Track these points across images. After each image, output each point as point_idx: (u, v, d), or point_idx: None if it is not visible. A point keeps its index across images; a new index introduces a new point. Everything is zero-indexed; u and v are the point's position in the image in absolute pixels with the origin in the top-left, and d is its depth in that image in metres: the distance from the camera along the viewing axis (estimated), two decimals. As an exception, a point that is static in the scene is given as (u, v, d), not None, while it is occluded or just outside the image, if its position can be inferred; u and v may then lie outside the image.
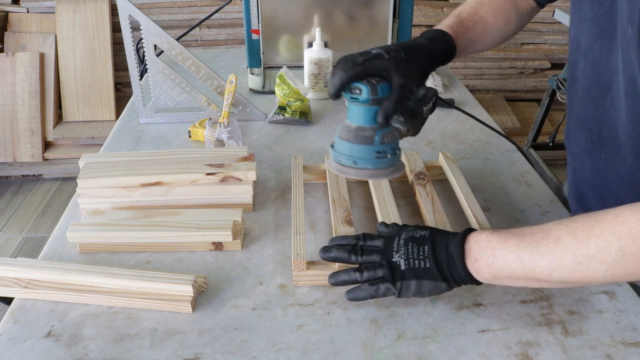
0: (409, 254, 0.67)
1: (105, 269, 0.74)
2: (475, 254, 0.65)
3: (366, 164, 0.75)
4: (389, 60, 0.73)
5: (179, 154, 0.95)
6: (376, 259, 0.69)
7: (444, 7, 2.82)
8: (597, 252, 0.56)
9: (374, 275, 0.68)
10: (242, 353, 0.66)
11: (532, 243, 0.62)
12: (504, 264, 0.63)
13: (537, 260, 0.60)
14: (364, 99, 0.72)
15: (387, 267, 0.67)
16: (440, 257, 0.66)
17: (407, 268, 0.66)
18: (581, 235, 0.58)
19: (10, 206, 2.66)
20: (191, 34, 2.71)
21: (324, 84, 1.36)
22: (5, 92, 2.68)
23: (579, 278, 0.59)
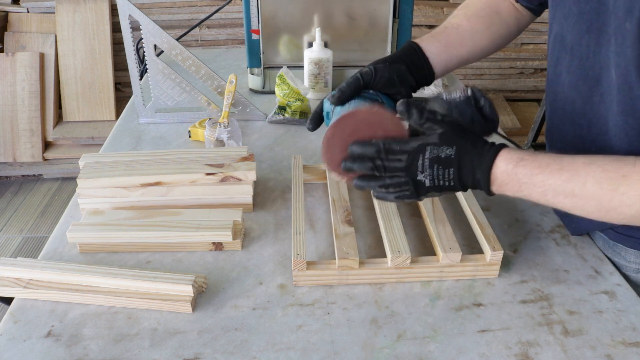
0: (434, 175, 0.67)
1: (105, 269, 0.74)
2: (501, 182, 0.66)
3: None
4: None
5: (179, 154, 0.95)
6: (401, 177, 0.68)
7: (444, 7, 2.82)
8: (619, 206, 0.60)
9: (400, 192, 0.68)
10: (242, 353, 0.66)
11: (558, 182, 0.63)
12: (528, 195, 0.65)
13: (560, 199, 0.63)
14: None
15: (412, 185, 0.68)
16: (467, 181, 0.67)
17: (431, 186, 0.67)
18: (607, 189, 0.60)
19: (10, 206, 2.66)
20: (191, 34, 2.71)
21: (324, 84, 1.36)
22: (5, 92, 2.68)
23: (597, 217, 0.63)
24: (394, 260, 0.75)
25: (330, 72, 1.35)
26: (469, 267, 0.77)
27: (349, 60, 1.40)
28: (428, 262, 0.77)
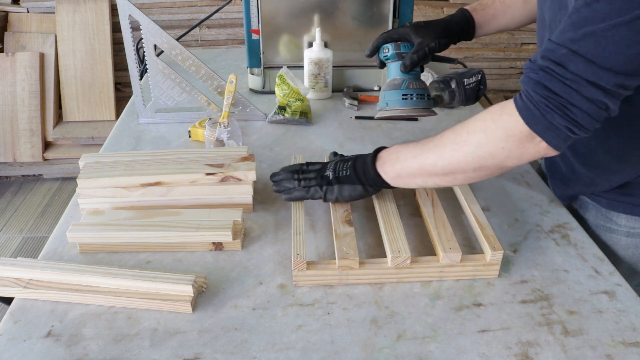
0: (336, 168, 0.85)
1: (105, 269, 0.74)
2: (384, 158, 0.81)
3: (395, 104, 0.95)
4: (409, 27, 0.96)
5: (179, 154, 0.95)
6: (312, 176, 0.86)
7: (444, 7, 2.82)
8: (467, 138, 0.72)
9: (308, 183, 0.85)
10: (242, 353, 0.66)
11: (425, 142, 0.77)
12: (404, 163, 0.78)
13: (426, 153, 0.76)
14: (391, 55, 0.96)
15: (319, 178, 0.85)
16: (358, 166, 0.83)
17: (333, 177, 0.84)
18: (458, 129, 0.74)
19: (10, 206, 2.66)
20: (191, 34, 2.71)
21: (324, 84, 1.36)
22: (5, 92, 2.68)
23: (456, 164, 0.73)
24: (394, 260, 0.75)
25: (330, 72, 1.35)
26: (469, 267, 0.77)
27: (349, 60, 1.40)
28: (428, 262, 0.77)
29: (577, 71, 0.63)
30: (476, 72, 0.98)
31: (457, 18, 0.98)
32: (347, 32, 1.35)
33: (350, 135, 1.21)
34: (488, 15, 1.00)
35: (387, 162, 0.80)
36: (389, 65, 0.98)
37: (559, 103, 0.64)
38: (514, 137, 0.68)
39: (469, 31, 0.99)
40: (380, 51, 0.97)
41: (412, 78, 0.96)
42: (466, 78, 0.97)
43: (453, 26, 0.97)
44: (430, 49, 0.93)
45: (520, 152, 0.69)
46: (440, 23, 0.97)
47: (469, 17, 0.99)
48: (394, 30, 0.97)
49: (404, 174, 0.78)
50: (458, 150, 0.72)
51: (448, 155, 0.73)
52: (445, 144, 0.74)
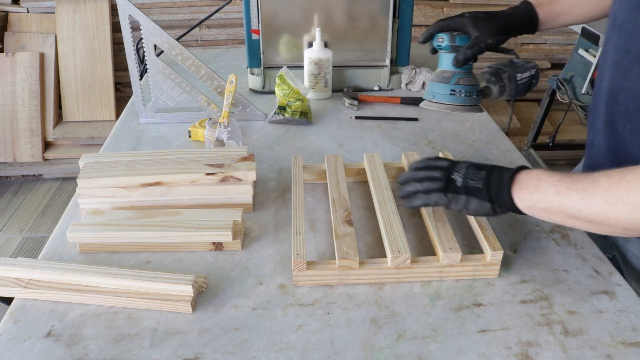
0: (466, 174, 0.75)
1: (105, 269, 0.74)
2: (522, 182, 0.70)
3: (442, 98, 0.93)
4: (468, 18, 0.90)
5: (179, 154, 0.95)
6: (437, 175, 0.76)
7: (444, 7, 2.81)
8: (624, 195, 0.61)
9: (430, 185, 0.75)
10: (242, 353, 0.66)
11: (572, 180, 0.66)
12: (543, 195, 0.68)
13: (571, 195, 0.65)
14: (445, 46, 0.92)
15: (445, 181, 0.75)
16: (493, 181, 0.73)
17: (462, 185, 0.74)
18: (614, 179, 0.63)
19: (10, 206, 2.65)
20: (191, 34, 2.71)
21: (324, 84, 1.36)
22: (5, 92, 2.67)
23: (604, 217, 0.63)
24: (394, 260, 0.75)
25: (330, 72, 1.35)
26: (469, 267, 0.77)
27: (349, 60, 1.40)
28: (428, 262, 0.77)
29: None
30: (531, 66, 0.95)
31: (520, 13, 0.93)
32: (347, 32, 1.35)
33: (350, 135, 1.21)
34: (554, 12, 0.94)
35: (525, 189, 0.70)
36: (441, 55, 0.95)
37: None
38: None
39: (532, 27, 0.94)
40: (434, 39, 0.94)
41: (464, 73, 0.93)
42: (519, 73, 0.94)
43: (515, 21, 0.92)
44: (486, 45, 0.89)
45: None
46: (501, 17, 0.92)
47: (532, 13, 0.93)
48: (452, 19, 0.91)
49: (540, 207, 0.69)
50: (610, 204, 0.63)
51: (597, 206, 0.63)
52: (597, 192, 0.63)
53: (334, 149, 1.14)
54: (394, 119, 1.28)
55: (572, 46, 2.83)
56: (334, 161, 0.98)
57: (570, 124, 2.73)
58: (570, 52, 2.39)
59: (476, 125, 1.24)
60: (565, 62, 2.54)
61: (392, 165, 1.01)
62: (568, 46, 2.89)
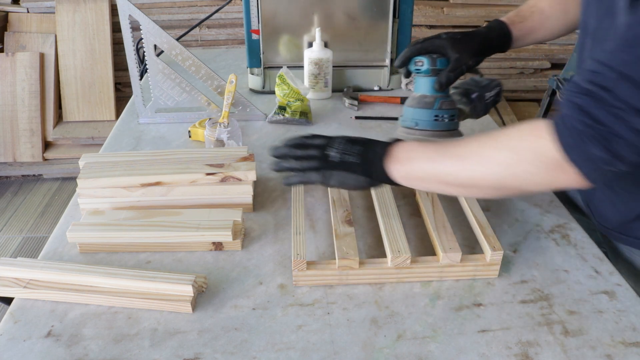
0: (343, 150, 0.76)
1: (105, 269, 0.74)
2: (397, 154, 0.73)
3: (425, 125, 0.90)
4: (445, 40, 0.88)
5: (179, 154, 0.95)
6: (314, 153, 0.77)
7: (444, 7, 2.81)
8: (494, 154, 0.66)
9: (307, 165, 0.77)
10: (242, 353, 0.66)
11: (444, 148, 0.70)
12: (417, 165, 0.72)
13: (445, 162, 0.69)
14: (425, 69, 0.89)
15: (322, 158, 0.76)
16: (368, 154, 0.75)
17: (339, 161, 0.75)
18: (484, 141, 0.68)
19: (10, 206, 2.65)
20: (191, 34, 2.71)
21: (324, 84, 1.36)
22: (5, 92, 2.68)
23: (476, 179, 0.67)
24: (394, 260, 0.75)
25: (330, 72, 1.35)
26: (469, 267, 0.77)
27: (349, 60, 1.40)
28: (428, 262, 0.77)
29: (626, 98, 0.56)
30: (495, 84, 0.94)
31: (496, 33, 0.93)
32: (347, 32, 1.35)
33: (350, 135, 1.20)
34: (526, 29, 0.94)
35: (400, 160, 0.73)
36: (419, 79, 0.91)
37: (603, 133, 0.58)
38: (545, 163, 0.62)
39: (506, 45, 0.94)
40: (411, 63, 0.91)
41: (445, 97, 0.90)
42: (487, 92, 0.93)
43: (491, 40, 0.92)
44: (468, 67, 0.88)
45: (548, 179, 0.63)
46: (478, 37, 0.91)
47: (507, 31, 0.93)
48: (429, 42, 0.90)
49: (415, 177, 0.73)
50: (480, 165, 0.66)
51: (469, 168, 0.67)
52: (468, 155, 0.68)
53: (334, 149, 1.14)
54: (394, 119, 1.28)
55: (572, 46, 2.83)
56: (334, 161, 0.98)
57: (570, 124, 2.72)
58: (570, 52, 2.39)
59: (476, 125, 1.24)
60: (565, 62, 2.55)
61: (392, 165, 1.00)
62: (568, 46, 2.89)
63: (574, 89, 0.61)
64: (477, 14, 2.79)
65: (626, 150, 0.58)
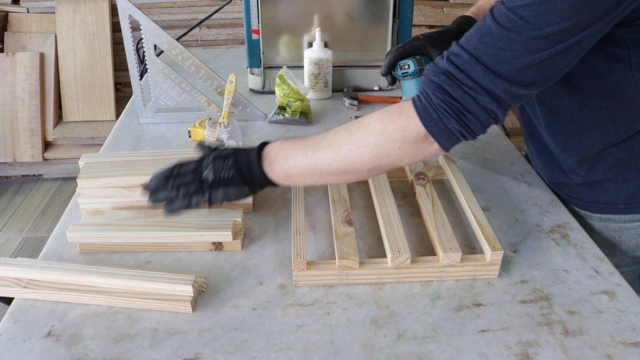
0: (215, 167, 0.77)
1: (105, 269, 0.74)
2: (271, 157, 0.77)
3: None
4: (424, 40, 0.91)
5: (179, 154, 0.94)
6: (189, 179, 0.77)
7: (443, 7, 2.81)
8: (363, 138, 0.71)
9: (186, 190, 0.76)
10: (242, 353, 0.66)
11: (316, 141, 0.75)
12: (293, 163, 0.75)
13: (319, 153, 0.73)
14: (412, 71, 0.90)
15: (198, 182, 0.77)
16: (242, 164, 0.77)
17: (214, 179, 0.76)
18: (352, 128, 0.73)
19: (10, 206, 2.66)
20: (191, 34, 2.71)
21: (324, 84, 1.36)
22: (5, 92, 2.68)
23: (351, 163, 0.72)
24: (394, 260, 0.75)
25: (330, 72, 1.35)
26: (469, 267, 0.77)
27: (349, 60, 1.40)
28: (428, 262, 0.77)
29: (477, 78, 0.64)
30: None
31: (465, 27, 0.94)
32: (347, 32, 1.35)
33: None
34: None
35: (275, 162, 0.76)
36: (406, 83, 0.91)
37: (456, 109, 0.66)
38: (411, 139, 0.69)
39: None
40: (396, 68, 0.92)
41: None
42: None
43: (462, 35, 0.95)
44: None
45: (414, 152, 0.71)
46: (451, 33, 0.93)
47: (473, 24, 0.96)
48: (409, 44, 0.92)
49: (294, 174, 0.75)
50: (354, 150, 0.71)
51: (343, 155, 0.72)
52: (340, 143, 0.72)
53: (334, 149, 1.14)
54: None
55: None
56: (334, 161, 0.98)
57: (570, 124, 2.72)
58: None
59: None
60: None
61: (392, 165, 1.01)
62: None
63: (434, 69, 0.68)
64: (477, 14, 2.79)
65: (475, 125, 0.67)
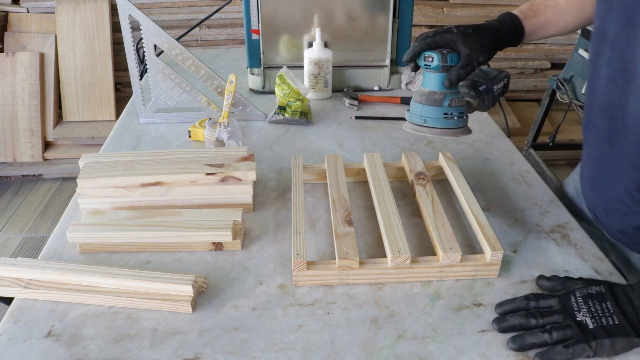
0: (592, 312, 0.67)
1: (105, 269, 0.74)
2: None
3: (434, 123, 0.86)
4: (456, 34, 0.84)
5: (179, 154, 0.95)
6: (559, 319, 0.68)
7: (444, 7, 2.81)
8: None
9: (563, 335, 0.66)
10: (242, 353, 0.66)
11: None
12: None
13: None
14: (435, 65, 0.85)
15: (576, 327, 0.66)
16: (628, 311, 0.67)
17: (596, 326, 0.66)
18: None
19: (10, 206, 2.65)
20: (191, 34, 2.71)
21: (324, 84, 1.36)
22: (5, 92, 2.68)
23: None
24: (394, 260, 0.75)
25: (330, 72, 1.35)
26: (469, 267, 0.77)
27: (349, 60, 1.40)
28: (428, 262, 0.77)
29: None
30: (504, 76, 0.92)
31: (508, 26, 0.89)
32: (347, 32, 1.35)
33: (350, 135, 1.21)
34: (539, 24, 0.91)
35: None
36: (427, 74, 0.88)
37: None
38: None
39: (517, 40, 0.90)
40: (420, 57, 0.86)
41: (454, 93, 0.87)
42: (496, 84, 0.90)
43: (503, 35, 0.88)
44: (479, 63, 0.84)
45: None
46: (490, 31, 0.87)
47: (519, 26, 0.90)
48: (440, 36, 0.85)
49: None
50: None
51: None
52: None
53: (334, 149, 1.14)
54: (394, 119, 1.28)
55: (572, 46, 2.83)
56: (334, 161, 0.98)
57: (570, 124, 2.72)
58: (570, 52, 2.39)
59: (476, 125, 1.24)
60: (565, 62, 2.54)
61: (392, 165, 1.01)
62: (568, 46, 2.89)
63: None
64: (477, 14, 2.79)
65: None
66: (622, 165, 0.79)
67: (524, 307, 0.71)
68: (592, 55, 0.83)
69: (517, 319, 0.69)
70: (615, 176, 0.82)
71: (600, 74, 0.81)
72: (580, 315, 0.67)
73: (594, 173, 0.88)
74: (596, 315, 0.67)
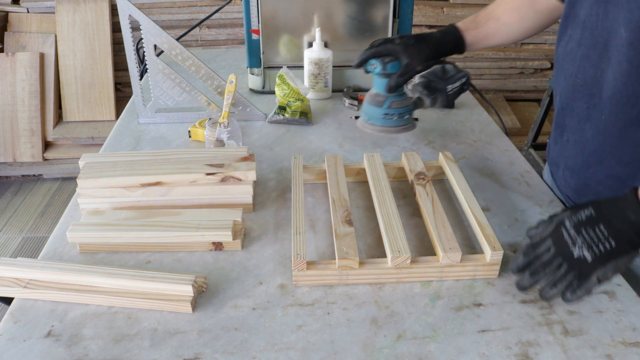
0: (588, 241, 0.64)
1: (105, 269, 0.74)
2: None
3: (376, 121, 1.01)
4: (398, 45, 0.93)
5: (179, 154, 0.95)
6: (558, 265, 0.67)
7: (443, 7, 2.82)
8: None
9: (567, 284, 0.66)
10: (242, 353, 0.66)
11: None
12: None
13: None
14: (377, 72, 0.96)
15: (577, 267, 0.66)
16: (622, 228, 0.64)
17: (594, 258, 0.64)
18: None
19: (10, 206, 2.66)
20: (191, 34, 2.71)
21: (324, 84, 1.36)
22: (5, 92, 2.68)
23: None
24: (394, 260, 0.75)
25: (330, 72, 1.35)
26: (469, 267, 0.77)
27: (349, 60, 1.39)
28: (428, 262, 0.77)
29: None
30: (461, 76, 0.99)
31: (449, 38, 0.98)
32: (347, 32, 1.35)
33: (350, 135, 1.21)
34: (480, 35, 0.99)
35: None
36: (374, 78, 0.99)
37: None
38: None
39: (459, 50, 0.99)
40: (367, 64, 0.97)
41: (396, 96, 0.99)
42: (450, 84, 0.99)
43: (444, 46, 0.97)
44: (416, 72, 0.94)
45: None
46: (431, 42, 0.96)
47: (459, 38, 0.98)
48: (384, 46, 0.95)
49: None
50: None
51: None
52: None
53: (334, 149, 1.14)
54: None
55: (572, 46, 2.82)
56: (334, 161, 0.98)
57: (570, 124, 2.72)
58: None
59: (476, 125, 1.24)
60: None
61: (392, 165, 1.01)
62: (568, 46, 2.89)
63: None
64: (477, 14, 2.79)
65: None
66: (605, 144, 0.82)
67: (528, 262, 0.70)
68: (562, 42, 0.87)
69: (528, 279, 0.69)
70: (597, 157, 0.84)
71: (571, 57, 0.84)
72: (577, 250, 0.64)
73: (575, 159, 0.90)
74: (592, 244, 0.64)
